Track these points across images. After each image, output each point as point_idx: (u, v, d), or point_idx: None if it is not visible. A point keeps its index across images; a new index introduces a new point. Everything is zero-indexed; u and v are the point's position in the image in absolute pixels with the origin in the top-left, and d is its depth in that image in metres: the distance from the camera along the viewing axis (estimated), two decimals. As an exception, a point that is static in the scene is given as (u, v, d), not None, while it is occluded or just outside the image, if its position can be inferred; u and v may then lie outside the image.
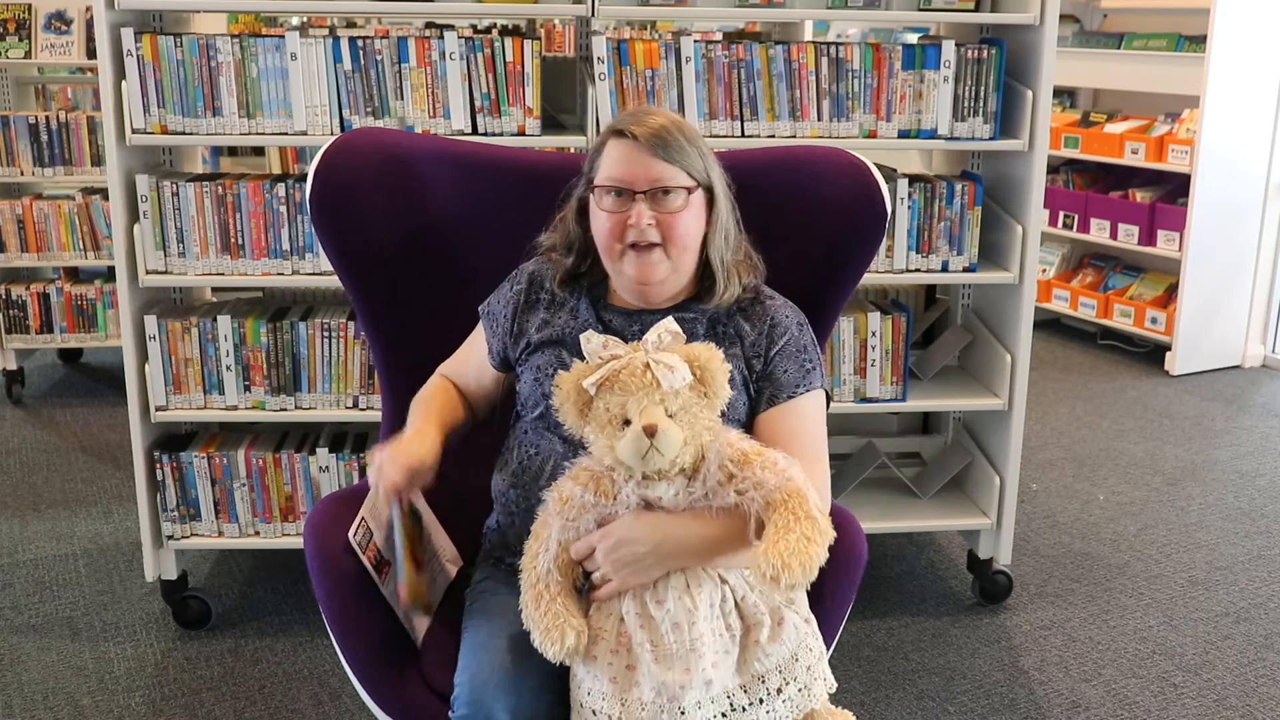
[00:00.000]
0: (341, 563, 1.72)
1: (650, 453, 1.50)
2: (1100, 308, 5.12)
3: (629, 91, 2.54)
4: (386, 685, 1.71)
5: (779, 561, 1.42)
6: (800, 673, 1.54)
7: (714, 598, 1.52)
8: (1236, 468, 3.83)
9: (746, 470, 1.52)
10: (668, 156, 1.63)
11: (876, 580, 3.03)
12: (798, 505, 1.48)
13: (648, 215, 1.63)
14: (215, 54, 2.47)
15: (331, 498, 1.88)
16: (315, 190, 1.95)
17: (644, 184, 1.63)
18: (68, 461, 3.76)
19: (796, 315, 1.76)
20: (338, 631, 1.73)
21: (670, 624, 1.50)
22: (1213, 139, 4.62)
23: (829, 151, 2.01)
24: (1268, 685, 2.59)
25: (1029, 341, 2.75)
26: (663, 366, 1.52)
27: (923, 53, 2.59)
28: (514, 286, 1.82)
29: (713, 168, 1.70)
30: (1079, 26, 5.51)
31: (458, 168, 2.05)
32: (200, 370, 2.63)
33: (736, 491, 1.51)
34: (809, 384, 1.71)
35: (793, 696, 1.53)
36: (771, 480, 1.50)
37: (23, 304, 4.20)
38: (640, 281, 1.68)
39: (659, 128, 1.64)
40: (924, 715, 2.46)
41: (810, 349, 1.74)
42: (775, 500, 1.49)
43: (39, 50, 4.21)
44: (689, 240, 1.67)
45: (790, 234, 1.97)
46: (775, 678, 1.52)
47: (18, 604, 2.86)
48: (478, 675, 1.55)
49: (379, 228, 2.00)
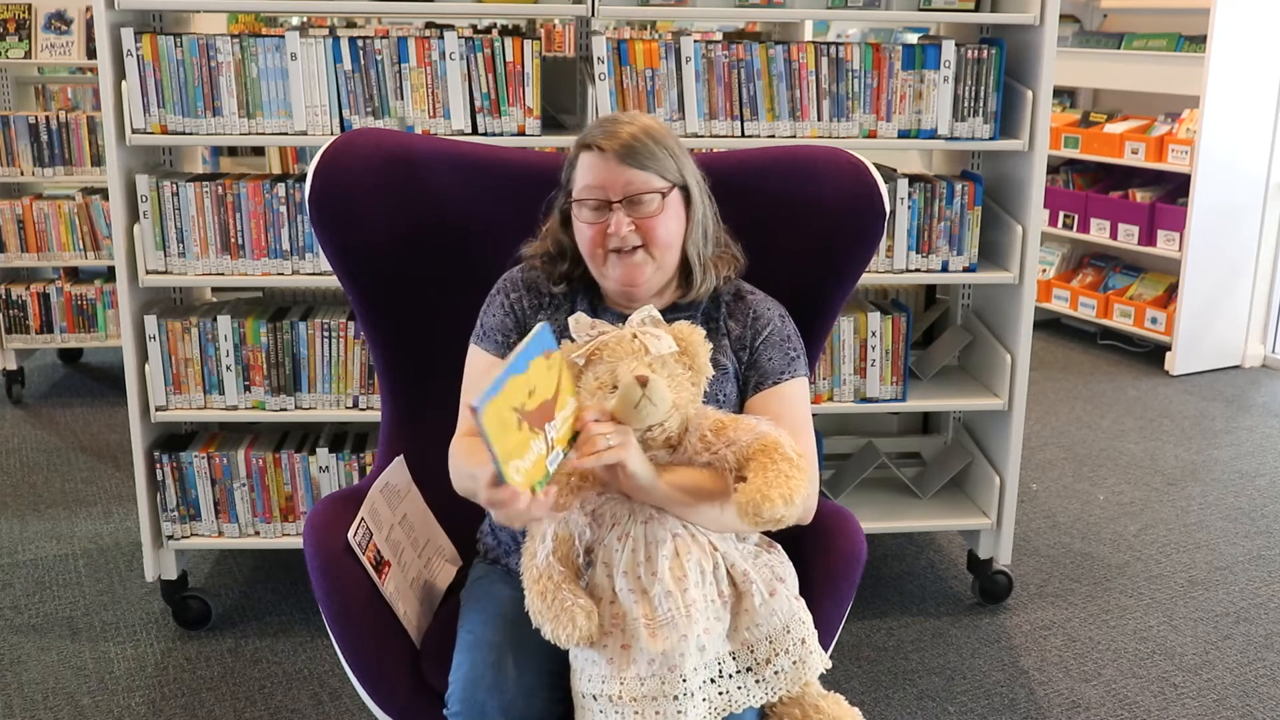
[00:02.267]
0: (341, 563, 1.72)
1: (643, 402, 1.52)
2: (1100, 308, 5.12)
3: (629, 91, 2.55)
4: (385, 684, 1.71)
5: (758, 494, 1.46)
6: (792, 645, 1.55)
7: (705, 565, 1.55)
8: (1236, 468, 3.83)
9: (722, 436, 1.56)
10: (638, 163, 1.67)
11: (876, 580, 3.03)
12: (773, 450, 1.52)
13: (626, 223, 1.66)
14: (215, 54, 2.47)
15: (332, 497, 1.88)
16: (314, 190, 1.95)
17: (618, 192, 1.67)
18: (68, 461, 3.76)
19: (778, 308, 1.81)
20: (337, 632, 1.72)
21: (663, 591, 1.51)
22: (1213, 139, 4.62)
23: (827, 151, 2.02)
24: (1268, 685, 2.59)
25: (1029, 341, 2.75)
26: (650, 335, 1.58)
27: (923, 53, 2.59)
28: (511, 294, 1.82)
29: (686, 166, 1.73)
30: (1079, 26, 5.51)
31: (458, 168, 2.05)
32: (200, 370, 2.63)
33: (711, 453, 1.55)
34: (794, 370, 1.75)
35: (785, 669, 1.55)
36: (745, 438, 1.55)
37: (23, 304, 4.20)
38: (626, 284, 1.71)
39: (628, 136, 1.67)
40: (924, 715, 2.46)
41: (794, 338, 1.78)
42: (751, 451, 1.54)
43: (39, 50, 4.21)
44: (670, 239, 1.71)
45: (789, 233, 1.98)
46: (764, 647, 1.55)
47: (18, 604, 2.86)
48: (470, 674, 1.55)
49: (378, 228, 2.00)
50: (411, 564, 1.88)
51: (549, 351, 1.43)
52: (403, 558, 1.85)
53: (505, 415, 1.33)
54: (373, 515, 1.80)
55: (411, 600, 1.82)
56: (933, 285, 3.08)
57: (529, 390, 1.38)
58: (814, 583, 1.73)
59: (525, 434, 1.37)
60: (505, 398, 1.33)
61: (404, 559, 1.85)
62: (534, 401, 1.39)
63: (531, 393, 1.39)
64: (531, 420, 1.38)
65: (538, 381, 1.40)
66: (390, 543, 1.82)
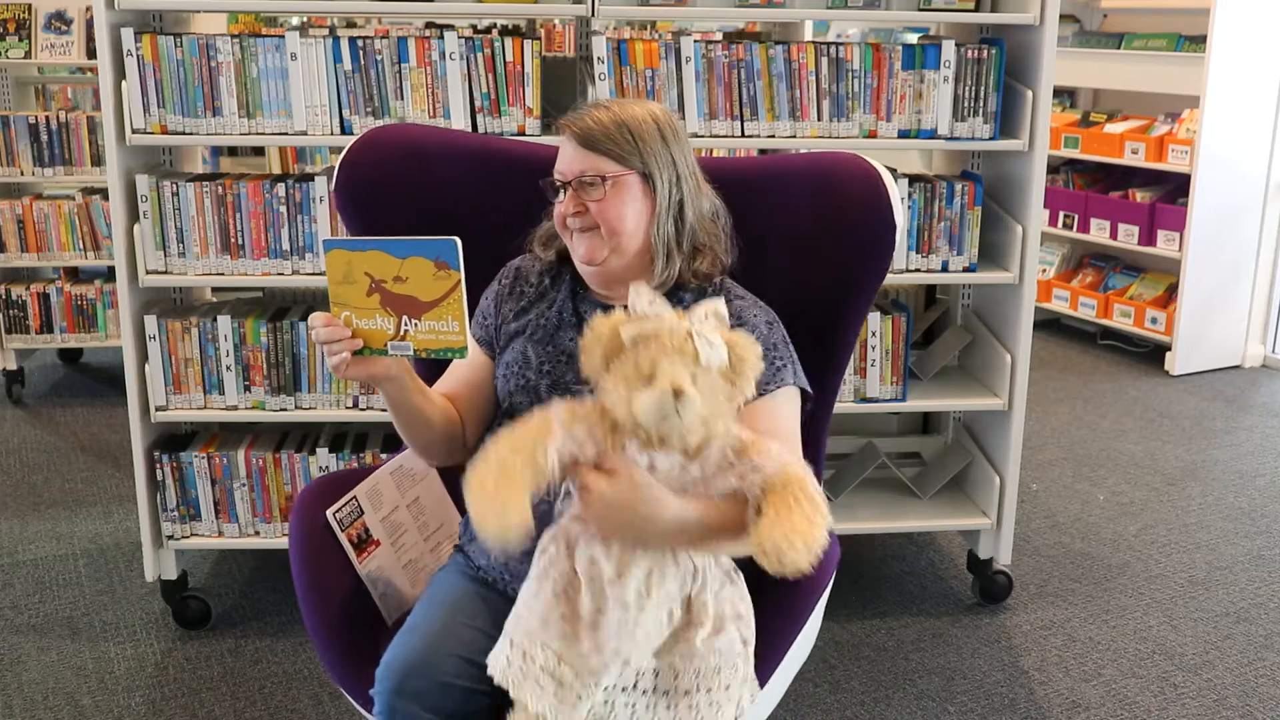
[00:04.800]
0: (322, 537, 1.78)
1: (671, 415, 1.44)
2: (1100, 308, 5.12)
3: (629, 91, 2.55)
4: (339, 654, 1.75)
5: (784, 542, 1.40)
6: (716, 686, 1.49)
7: (671, 589, 1.49)
8: (1236, 468, 3.83)
9: (744, 459, 1.50)
10: (592, 147, 1.69)
11: (876, 580, 3.03)
12: (798, 488, 1.46)
13: (572, 205, 1.70)
14: (215, 54, 2.47)
15: (333, 475, 1.92)
16: (341, 181, 1.99)
17: (571, 175, 1.71)
18: (68, 461, 3.76)
19: (765, 314, 1.77)
20: (307, 602, 1.77)
21: (620, 601, 1.47)
22: (1213, 139, 4.62)
23: (846, 158, 1.98)
24: (1268, 685, 2.59)
25: (1029, 341, 2.75)
26: (704, 340, 1.48)
27: (923, 53, 2.59)
28: (502, 280, 1.87)
29: (655, 154, 1.71)
30: (1079, 26, 5.51)
31: (483, 164, 2.07)
32: (200, 370, 2.63)
33: (737, 476, 1.49)
34: (780, 381, 1.71)
35: (699, 705, 1.49)
36: (769, 466, 1.49)
37: (23, 304, 4.20)
38: (585, 261, 1.73)
39: (591, 121, 1.70)
40: (924, 715, 2.46)
41: (780, 347, 1.74)
42: (773, 484, 1.47)
43: (39, 50, 4.20)
44: (620, 225, 1.70)
45: (799, 242, 1.95)
46: (689, 679, 1.49)
47: (18, 604, 2.86)
48: (397, 656, 1.59)
49: (401, 220, 2.01)
50: (412, 546, 1.92)
51: (444, 264, 1.49)
52: (402, 539, 1.90)
53: (355, 273, 1.51)
54: (372, 495, 1.85)
55: (402, 580, 1.87)
56: (933, 285, 3.08)
57: (395, 275, 1.51)
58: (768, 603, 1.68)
59: (373, 303, 1.52)
60: (363, 259, 1.51)
61: (403, 540, 1.90)
62: (400, 288, 1.51)
63: (399, 279, 1.51)
64: (387, 300, 1.52)
65: (413, 276, 1.50)
66: (388, 523, 1.87)
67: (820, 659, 2.65)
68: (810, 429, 1.82)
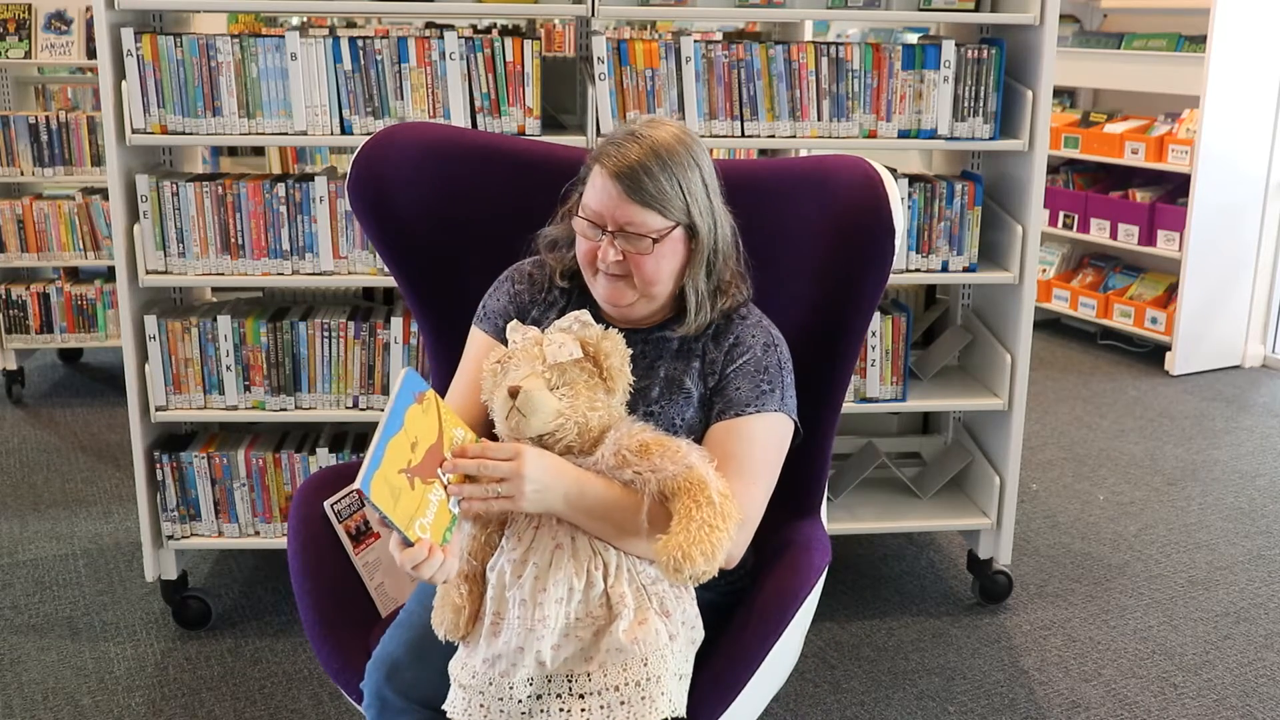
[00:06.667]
0: (321, 527, 1.81)
1: (512, 413, 1.52)
2: (1100, 308, 5.12)
3: (629, 91, 2.55)
4: (331, 645, 1.76)
5: (679, 552, 1.42)
6: (644, 680, 1.47)
7: (576, 583, 1.49)
8: (1236, 468, 3.83)
9: (645, 460, 1.52)
10: (639, 198, 1.61)
11: (876, 580, 3.03)
12: (699, 492, 1.48)
13: (614, 253, 1.63)
14: (215, 54, 2.47)
15: (334, 468, 1.94)
16: (353, 180, 1.99)
17: (613, 224, 1.63)
18: (68, 461, 3.76)
19: (765, 336, 1.72)
20: (302, 593, 1.78)
21: (520, 598, 1.49)
22: (1213, 139, 4.62)
23: (849, 161, 1.94)
24: (1268, 685, 2.59)
25: (1029, 341, 2.75)
26: (552, 344, 1.56)
27: (923, 53, 2.59)
28: (517, 284, 1.82)
29: (695, 201, 1.65)
30: (1079, 26, 5.51)
31: (497, 164, 2.06)
32: (200, 370, 2.63)
33: (633, 473, 1.51)
34: (761, 405, 1.66)
35: (630, 700, 1.46)
36: (671, 468, 1.50)
37: (23, 304, 4.20)
38: (609, 303, 1.70)
39: (634, 162, 1.61)
40: (924, 715, 2.46)
41: (773, 371, 1.69)
42: (676, 487, 1.49)
43: (39, 50, 4.21)
44: (657, 277, 1.66)
45: (799, 249, 1.94)
46: (616, 672, 1.46)
47: (18, 604, 2.86)
48: (385, 648, 1.63)
49: (417, 220, 2.01)
50: None
51: (420, 394, 1.42)
52: None
53: (394, 481, 1.33)
54: None
55: (397, 574, 1.88)
56: (933, 285, 3.08)
57: (411, 444, 1.37)
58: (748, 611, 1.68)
59: (420, 490, 1.37)
60: (389, 465, 1.32)
61: None
62: (419, 453, 1.38)
63: (414, 445, 1.37)
64: (422, 473, 1.38)
65: (417, 431, 1.39)
66: None
67: (820, 659, 2.65)
68: (815, 436, 1.82)
